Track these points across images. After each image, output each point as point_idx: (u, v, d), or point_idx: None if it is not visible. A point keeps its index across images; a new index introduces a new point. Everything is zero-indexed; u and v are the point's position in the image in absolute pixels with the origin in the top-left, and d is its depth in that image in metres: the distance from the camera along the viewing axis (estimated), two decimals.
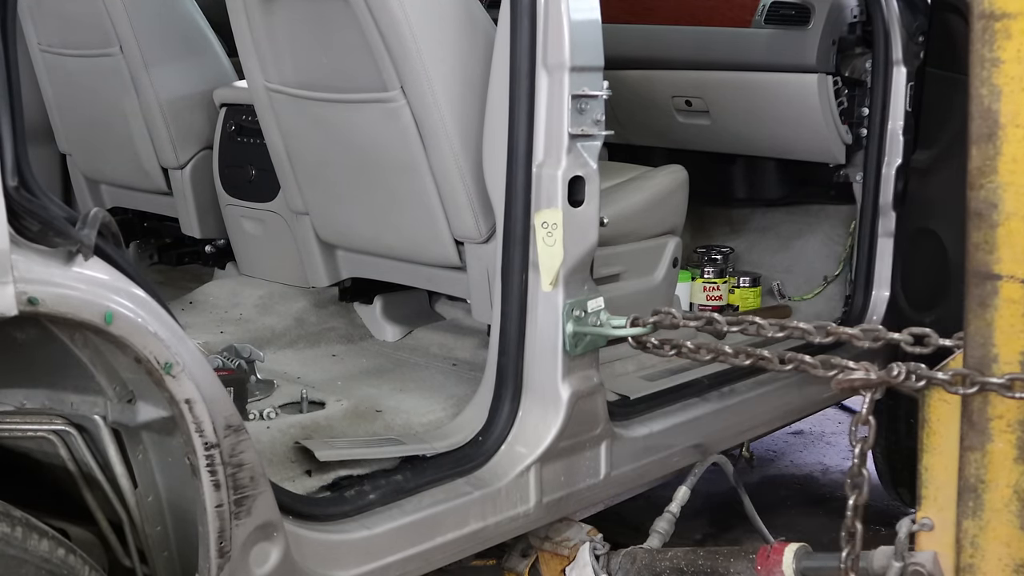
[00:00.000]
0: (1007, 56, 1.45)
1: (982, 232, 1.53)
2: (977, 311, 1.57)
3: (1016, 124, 1.47)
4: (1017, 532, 1.67)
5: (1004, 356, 1.57)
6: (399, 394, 2.70)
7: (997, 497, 1.67)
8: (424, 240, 2.75)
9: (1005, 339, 1.57)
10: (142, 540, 1.94)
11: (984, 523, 1.69)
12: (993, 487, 1.67)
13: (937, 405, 1.74)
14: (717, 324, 2.22)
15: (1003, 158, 1.49)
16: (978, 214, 1.53)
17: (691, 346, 2.25)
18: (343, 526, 2.16)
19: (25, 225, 1.61)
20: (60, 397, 1.90)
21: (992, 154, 1.49)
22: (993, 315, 1.56)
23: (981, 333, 1.58)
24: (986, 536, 1.69)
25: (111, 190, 3.72)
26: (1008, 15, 1.43)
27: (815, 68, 3.32)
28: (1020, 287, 1.53)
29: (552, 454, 2.43)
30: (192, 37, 3.37)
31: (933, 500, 1.78)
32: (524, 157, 2.34)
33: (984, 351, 1.59)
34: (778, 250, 3.88)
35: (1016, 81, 1.45)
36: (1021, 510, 1.67)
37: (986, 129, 1.49)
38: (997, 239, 1.53)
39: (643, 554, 2.44)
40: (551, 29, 2.30)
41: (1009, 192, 1.50)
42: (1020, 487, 1.66)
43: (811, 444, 4.34)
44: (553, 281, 2.36)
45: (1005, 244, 1.53)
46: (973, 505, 1.69)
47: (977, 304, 1.57)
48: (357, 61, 2.59)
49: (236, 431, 1.84)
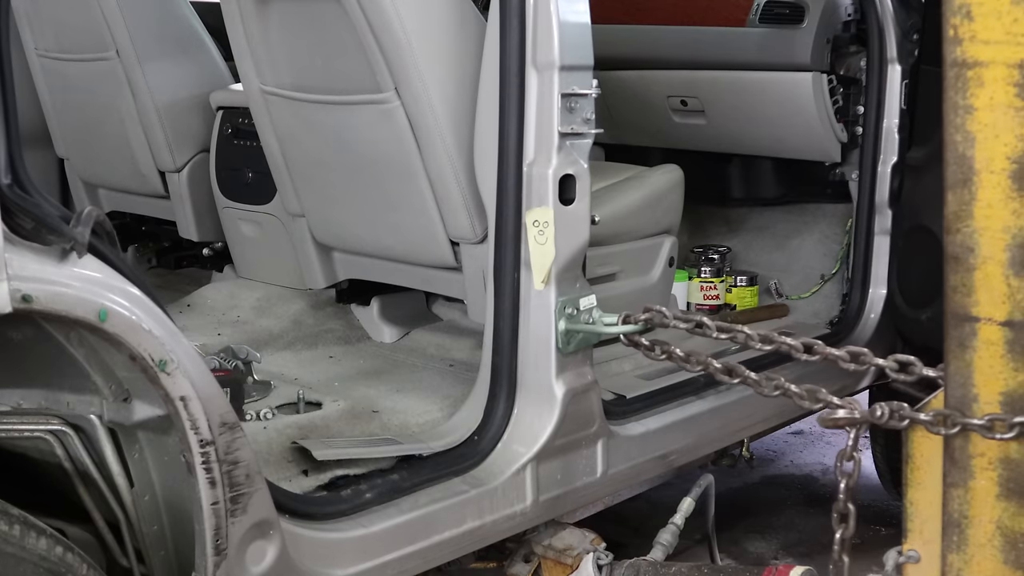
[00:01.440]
0: (980, 104, 1.47)
1: (959, 275, 1.56)
2: (957, 352, 1.60)
3: (990, 170, 1.49)
4: (1001, 567, 1.70)
5: (984, 396, 1.60)
6: (396, 395, 2.70)
7: (980, 532, 1.70)
8: (420, 241, 2.76)
9: (984, 380, 1.60)
10: (139, 539, 1.94)
11: (969, 557, 1.72)
12: (976, 523, 1.70)
13: (920, 441, 1.76)
14: (707, 329, 2.21)
15: (978, 203, 1.51)
16: (955, 258, 1.56)
17: (681, 353, 2.25)
18: (340, 525, 2.17)
19: (19, 223, 1.62)
20: (56, 397, 1.90)
21: (968, 199, 1.52)
22: (972, 356, 1.59)
23: (961, 373, 1.61)
24: (971, 570, 1.73)
25: (109, 194, 3.73)
26: (980, 63, 1.45)
27: (810, 67, 3.33)
28: (998, 329, 1.55)
29: (548, 452, 2.44)
30: (188, 40, 3.38)
31: (919, 533, 1.81)
32: (515, 156, 2.35)
33: (964, 391, 1.62)
34: (775, 249, 3.88)
35: (989, 128, 1.47)
36: (1004, 545, 1.70)
37: (961, 175, 1.51)
38: (974, 282, 1.55)
39: (646, 566, 2.42)
40: (540, 28, 2.31)
41: (985, 236, 1.52)
42: (1003, 523, 1.69)
43: (811, 444, 4.34)
44: (545, 279, 2.37)
45: (982, 287, 1.55)
46: (957, 540, 1.72)
47: (956, 345, 1.60)
48: (351, 63, 2.60)
49: (231, 429, 1.84)
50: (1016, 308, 1.54)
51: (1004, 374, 1.59)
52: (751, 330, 2.16)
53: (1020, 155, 1.47)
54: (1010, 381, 1.59)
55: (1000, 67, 1.45)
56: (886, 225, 3.31)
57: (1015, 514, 1.69)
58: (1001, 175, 1.49)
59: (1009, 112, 1.46)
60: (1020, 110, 1.45)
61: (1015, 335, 1.55)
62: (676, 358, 2.24)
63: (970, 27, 1.46)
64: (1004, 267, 1.53)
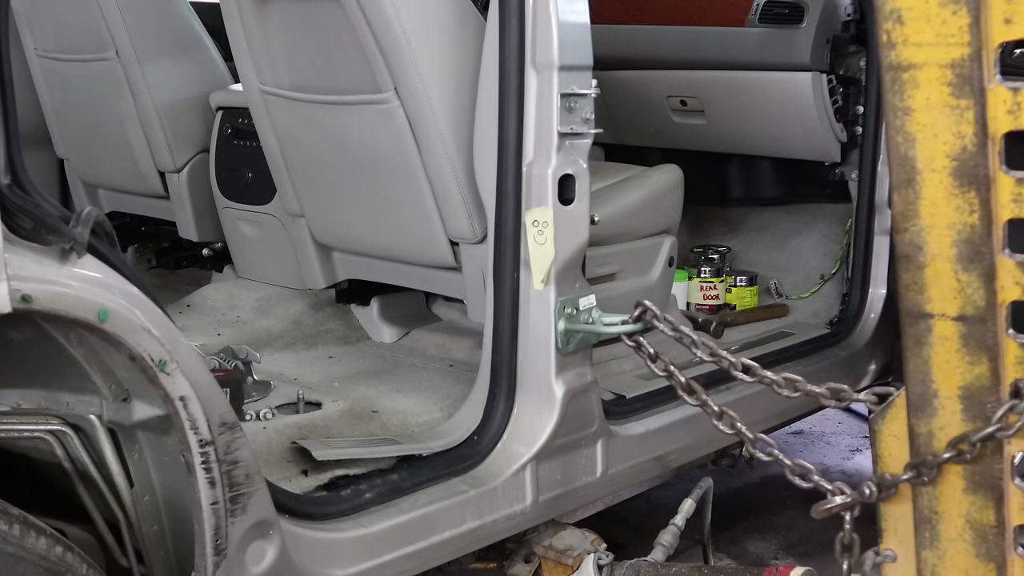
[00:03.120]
0: (917, 104, 1.51)
1: (911, 274, 1.59)
2: (914, 349, 1.64)
3: (932, 169, 1.53)
4: (974, 560, 1.72)
5: (943, 391, 1.64)
6: (395, 395, 2.71)
7: (951, 527, 1.73)
8: (419, 241, 2.76)
9: (942, 375, 1.63)
10: (139, 539, 1.94)
11: (942, 553, 1.75)
12: (946, 518, 1.73)
13: (888, 441, 1.79)
14: (693, 347, 2.20)
15: (923, 202, 1.55)
16: (905, 256, 1.59)
17: (673, 369, 2.24)
18: (340, 525, 2.16)
19: (18, 223, 1.61)
20: (56, 397, 1.90)
21: (913, 199, 1.55)
22: (929, 353, 1.62)
23: (920, 371, 1.64)
24: (945, 565, 1.76)
25: (109, 194, 3.73)
26: (914, 65, 1.49)
27: (809, 67, 3.33)
28: (951, 324, 1.59)
29: (548, 452, 2.44)
30: (187, 40, 3.38)
31: (893, 532, 1.83)
32: (514, 156, 2.35)
33: (924, 388, 1.65)
34: (775, 249, 3.88)
35: (928, 128, 1.51)
36: (975, 539, 1.72)
37: (905, 175, 1.55)
38: (925, 280, 1.59)
39: (647, 567, 2.42)
40: (539, 28, 2.31)
41: (932, 234, 1.56)
42: (971, 517, 1.72)
43: (811, 444, 4.34)
44: (545, 279, 2.37)
45: (933, 284, 1.58)
46: (930, 536, 1.75)
47: (913, 343, 1.63)
48: (351, 63, 2.60)
49: (231, 428, 1.84)
50: (967, 303, 1.57)
51: (961, 368, 1.62)
52: (732, 355, 2.16)
53: (959, 152, 1.51)
54: (967, 375, 1.62)
55: (933, 68, 1.49)
56: (886, 225, 3.31)
57: (982, 507, 1.71)
58: (942, 173, 1.53)
59: (945, 111, 1.50)
60: (955, 108, 1.49)
61: (968, 329, 1.58)
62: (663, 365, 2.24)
63: (902, 31, 1.49)
64: (952, 263, 1.56)
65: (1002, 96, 1.48)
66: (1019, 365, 1.59)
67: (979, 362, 1.60)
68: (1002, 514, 1.69)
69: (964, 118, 1.50)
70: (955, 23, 1.46)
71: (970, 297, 1.57)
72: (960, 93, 1.49)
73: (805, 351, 3.26)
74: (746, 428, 2.17)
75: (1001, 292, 1.56)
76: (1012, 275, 1.55)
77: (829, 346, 3.34)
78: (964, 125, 1.50)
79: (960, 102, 1.49)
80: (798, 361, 3.19)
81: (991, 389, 1.61)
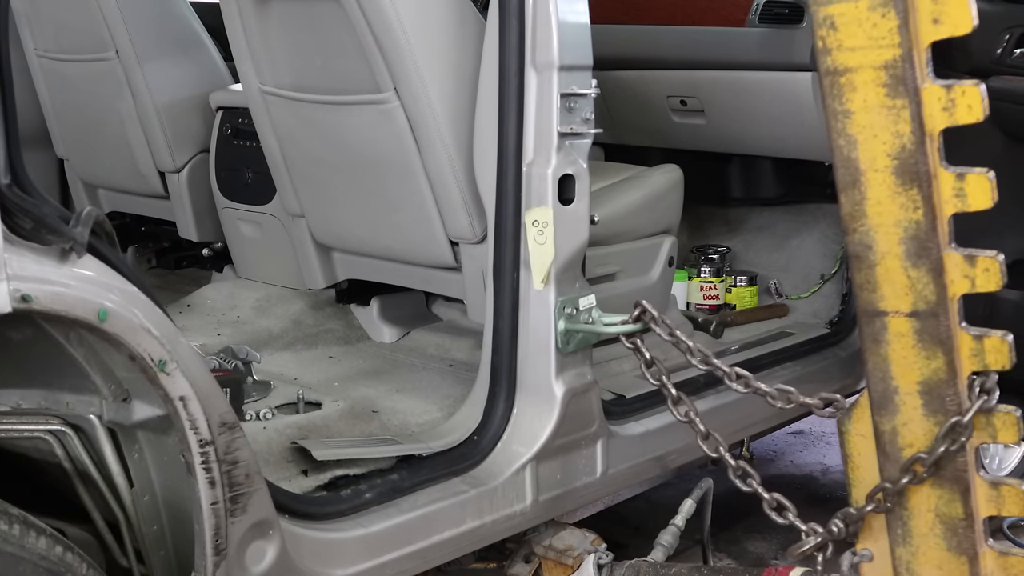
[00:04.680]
0: (855, 107, 1.54)
1: (863, 273, 1.62)
2: (872, 348, 1.66)
3: (875, 169, 1.56)
4: (946, 554, 1.74)
5: (903, 387, 1.66)
6: (395, 395, 2.71)
7: (922, 523, 1.75)
8: (419, 241, 2.76)
9: (901, 371, 1.65)
10: (139, 539, 1.94)
11: (915, 549, 1.77)
12: (916, 514, 1.75)
13: (856, 441, 1.81)
14: (689, 354, 2.20)
15: (869, 201, 1.58)
16: (856, 256, 1.62)
17: (665, 380, 2.25)
18: (339, 525, 2.16)
19: (18, 223, 1.61)
20: (56, 397, 1.90)
21: (859, 199, 1.58)
22: (887, 350, 1.65)
23: (879, 368, 1.67)
24: (919, 561, 1.78)
25: (109, 195, 3.73)
26: (850, 69, 1.52)
27: (809, 67, 3.33)
28: (905, 321, 1.61)
29: (548, 452, 2.44)
30: (187, 40, 3.38)
31: (868, 531, 1.85)
32: (514, 156, 2.35)
33: (885, 385, 1.67)
34: (775, 249, 3.88)
35: (868, 129, 1.54)
36: (945, 532, 1.74)
37: (849, 177, 1.58)
38: (877, 278, 1.61)
39: (647, 567, 2.42)
40: (539, 28, 2.31)
41: (880, 233, 1.58)
42: (940, 511, 1.74)
43: (811, 444, 4.34)
44: (544, 279, 2.37)
45: (885, 282, 1.61)
46: (902, 533, 1.78)
47: (871, 341, 1.66)
48: (351, 63, 2.60)
49: (231, 428, 1.84)
50: (919, 298, 1.59)
51: (918, 364, 1.64)
52: (726, 365, 2.16)
53: (899, 151, 1.53)
54: (924, 370, 1.64)
55: (868, 70, 1.51)
56: None
57: (950, 501, 1.73)
58: (885, 172, 1.55)
59: (882, 112, 1.52)
60: (892, 108, 1.52)
61: (922, 324, 1.60)
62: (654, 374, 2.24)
63: (836, 36, 1.52)
64: (901, 260, 1.58)
65: (936, 94, 1.51)
66: (974, 357, 1.61)
67: (935, 356, 1.62)
68: (970, 507, 1.71)
69: (901, 117, 1.53)
70: (885, 26, 1.49)
71: (921, 292, 1.59)
72: (895, 93, 1.52)
73: (805, 351, 3.26)
74: (729, 455, 2.21)
75: (951, 286, 1.58)
76: (960, 268, 1.57)
77: (829, 346, 3.34)
78: (902, 124, 1.53)
79: (896, 102, 1.52)
80: (798, 361, 3.19)
81: (949, 382, 1.64)
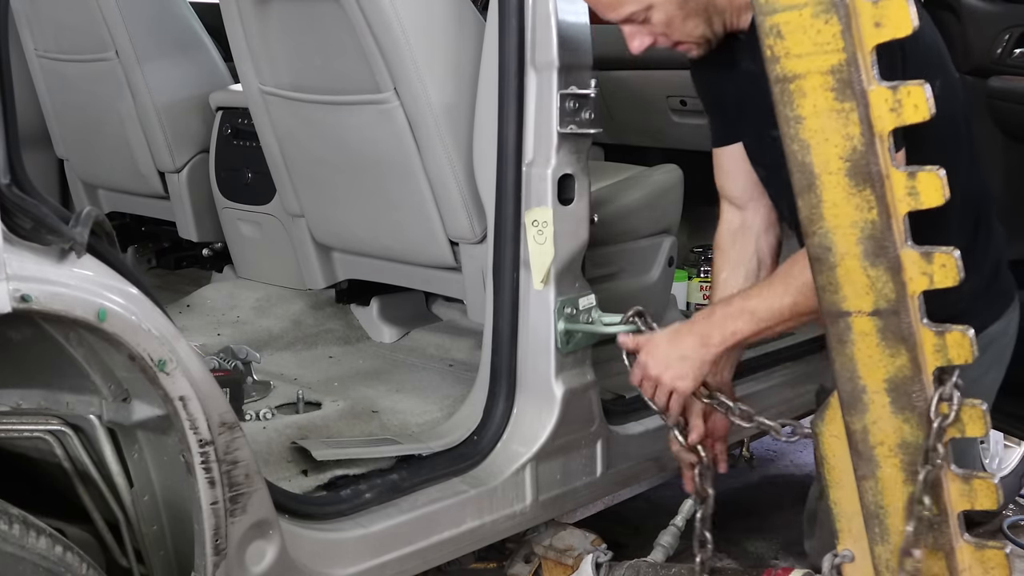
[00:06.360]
0: (806, 112, 1.57)
1: (824, 275, 1.65)
2: (838, 348, 1.68)
3: (828, 172, 1.59)
4: (925, 551, 1.73)
5: (871, 386, 1.68)
6: (395, 395, 2.71)
7: (898, 520, 1.75)
8: (419, 241, 2.76)
9: (867, 370, 1.68)
10: (139, 539, 1.94)
11: (893, 547, 1.77)
12: (892, 511, 1.75)
13: (831, 442, 1.83)
14: None
15: (825, 204, 1.61)
16: (817, 259, 1.64)
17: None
18: (339, 524, 2.17)
19: (18, 223, 1.61)
20: (56, 397, 1.90)
21: (815, 202, 1.61)
22: (852, 350, 1.67)
23: (847, 368, 1.69)
24: (897, 559, 1.77)
25: (109, 195, 3.73)
26: (799, 75, 1.56)
27: None
28: (868, 320, 1.64)
29: (547, 452, 2.44)
30: (187, 40, 3.38)
31: (848, 531, 1.86)
32: (514, 156, 2.35)
33: (853, 384, 1.70)
34: None
35: (819, 133, 1.58)
36: (922, 529, 1.74)
37: (805, 181, 1.61)
38: (838, 279, 1.64)
39: (646, 567, 2.42)
40: (539, 28, 2.31)
41: (838, 234, 1.62)
42: (916, 508, 1.74)
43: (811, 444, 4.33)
44: (544, 279, 2.37)
45: (846, 282, 1.64)
46: (880, 531, 1.78)
47: (837, 342, 1.68)
48: (350, 63, 2.60)
49: (230, 428, 1.84)
50: (879, 297, 1.62)
51: (883, 362, 1.66)
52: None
53: (850, 153, 1.57)
54: (890, 368, 1.66)
55: (816, 76, 1.55)
56: None
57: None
58: (838, 175, 1.59)
59: (832, 115, 1.56)
60: (841, 112, 1.55)
61: (884, 323, 1.63)
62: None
63: (783, 44, 1.56)
64: (860, 260, 1.61)
65: (883, 95, 1.55)
66: (937, 352, 1.65)
67: (899, 354, 1.65)
68: (943, 502, 1.72)
69: (850, 120, 1.56)
70: (829, 31, 1.53)
71: (881, 291, 1.62)
72: (843, 97, 1.55)
73: (805, 351, 3.25)
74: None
75: (910, 284, 1.62)
76: (917, 266, 1.60)
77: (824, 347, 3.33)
78: (851, 127, 1.57)
79: (844, 105, 1.56)
80: (798, 361, 3.19)
81: (914, 379, 1.66)
